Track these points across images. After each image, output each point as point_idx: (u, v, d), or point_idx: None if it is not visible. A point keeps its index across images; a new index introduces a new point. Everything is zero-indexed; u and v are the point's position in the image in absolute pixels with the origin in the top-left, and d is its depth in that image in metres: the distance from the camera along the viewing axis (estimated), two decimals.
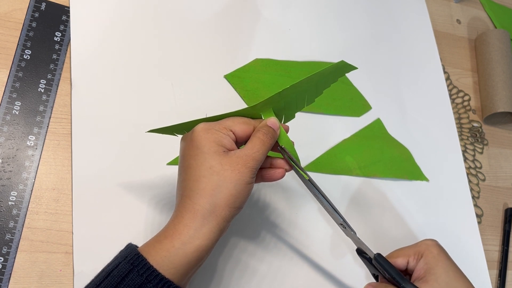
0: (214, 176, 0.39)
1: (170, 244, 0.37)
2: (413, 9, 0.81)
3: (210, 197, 0.38)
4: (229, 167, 0.39)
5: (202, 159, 0.39)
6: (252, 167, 0.40)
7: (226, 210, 0.39)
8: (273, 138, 0.43)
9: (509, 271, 0.68)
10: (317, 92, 0.47)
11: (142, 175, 0.52)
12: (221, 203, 0.38)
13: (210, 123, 0.42)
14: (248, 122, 0.43)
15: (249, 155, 0.40)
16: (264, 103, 0.43)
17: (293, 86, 0.43)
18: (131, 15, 0.60)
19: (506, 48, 0.79)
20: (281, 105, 0.45)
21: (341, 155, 0.64)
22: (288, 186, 0.59)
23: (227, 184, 0.39)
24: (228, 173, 0.39)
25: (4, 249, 0.45)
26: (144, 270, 0.36)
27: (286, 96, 0.44)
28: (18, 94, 0.51)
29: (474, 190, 0.71)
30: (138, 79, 0.57)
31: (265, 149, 0.41)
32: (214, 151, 0.39)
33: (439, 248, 0.48)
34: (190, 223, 0.38)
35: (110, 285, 0.36)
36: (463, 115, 0.77)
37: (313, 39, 0.71)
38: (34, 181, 0.49)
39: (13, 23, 0.54)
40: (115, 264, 0.38)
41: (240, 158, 0.40)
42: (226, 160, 0.39)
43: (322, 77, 0.45)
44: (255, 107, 0.43)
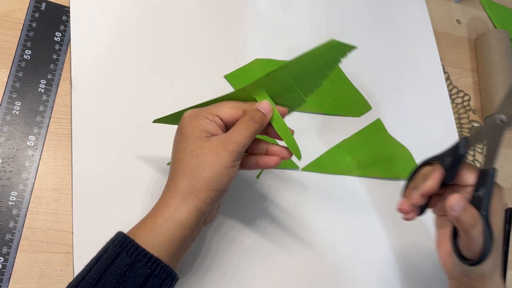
0: (194, 159, 0.40)
1: (153, 222, 0.39)
2: (413, 9, 0.81)
3: (189, 179, 0.40)
4: (208, 150, 0.40)
5: (186, 144, 0.41)
6: (232, 150, 0.40)
7: (204, 192, 0.40)
8: (259, 122, 0.42)
9: (509, 271, 0.68)
10: (319, 74, 0.46)
11: (142, 175, 0.52)
12: (199, 185, 0.40)
13: (198, 109, 0.43)
14: (237, 107, 0.43)
15: (230, 138, 0.40)
16: (253, 85, 0.43)
17: (282, 68, 0.42)
18: (131, 15, 0.60)
19: (506, 48, 0.79)
20: (275, 88, 0.44)
21: (341, 155, 0.64)
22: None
23: (204, 166, 0.40)
24: (207, 156, 0.40)
25: (4, 249, 0.45)
26: (133, 250, 0.38)
27: (278, 78, 0.44)
28: (18, 94, 0.51)
29: None
30: (138, 79, 0.57)
31: (249, 133, 0.41)
32: (197, 136, 0.41)
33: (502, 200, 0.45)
34: (170, 202, 0.40)
35: (100, 268, 0.37)
36: (463, 115, 0.77)
37: (313, 39, 0.71)
38: (34, 181, 0.49)
39: (13, 23, 0.54)
40: (104, 249, 0.39)
41: (221, 141, 0.40)
42: (207, 144, 0.40)
43: (316, 58, 0.44)
44: (245, 89, 0.43)
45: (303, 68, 0.44)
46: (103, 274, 0.37)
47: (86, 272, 0.38)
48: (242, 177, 0.57)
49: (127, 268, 0.37)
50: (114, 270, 0.37)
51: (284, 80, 0.44)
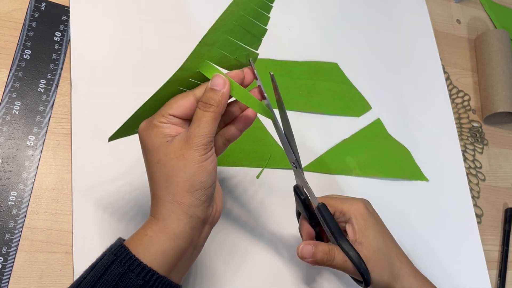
0: (162, 169, 0.38)
1: (144, 233, 0.38)
2: (413, 9, 0.81)
3: (166, 189, 0.38)
4: (173, 155, 0.37)
5: (150, 157, 0.39)
6: (198, 144, 0.37)
7: (186, 196, 0.37)
8: (216, 103, 0.38)
9: (509, 271, 0.68)
10: (259, 20, 0.41)
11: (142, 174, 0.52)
12: (178, 192, 0.37)
13: (149, 119, 0.40)
14: (185, 96, 0.40)
15: (193, 133, 0.37)
16: (191, 59, 0.39)
17: (211, 30, 0.38)
18: (131, 15, 0.60)
19: (506, 48, 0.79)
20: (218, 53, 0.40)
21: (341, 155, 0.64)
22: None
23: (176, 172, 0.37)
24: (174, 162, 0.37)
25: (4, 249, 0.45)
26: (126, 259, 0.36)
27: (214, 41, 0.39)
28: (18, 94, 0.51)
29: (474, 190, 0.71)
30: (138, 79, 0.57)
31: (207, 120, 0.38)
32: (158, 145, 0.38)
33: (368, 212, 0.48)
34: (157, 215, 0.38)
35: (94, 276, 0.36)
36: (463, 115, 0.77)
37: (313, 39, 0.71)
38: (34, 181, 0.49)
39: (13, 23, 0.54)
40: (101, 256, 0.38)
41: (182, 141, 0.38)
42: (170, 149, 0.38)
43: (244, 4, 0.39)
44: (184, 67, 0.39)
45: (236, 20, 0.39)
46: (96, 282, 0.36)
47: (81, 279, 0.37)
48: (242, 177, 0.57)
49: (119, 277, 0.36)
50: (107, 279, 0.36)
51: (222, 40, 0.39)
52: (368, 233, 0.46)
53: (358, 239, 0.46)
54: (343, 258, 0.44)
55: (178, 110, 0.39)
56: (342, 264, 0.44)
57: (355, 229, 0.46)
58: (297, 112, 0.64)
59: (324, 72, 0.68)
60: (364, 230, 0.46)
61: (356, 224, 0.46)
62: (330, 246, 0.45)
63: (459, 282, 0.63)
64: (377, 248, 0.46)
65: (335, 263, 0.44)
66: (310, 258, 0.44)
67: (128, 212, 0.50)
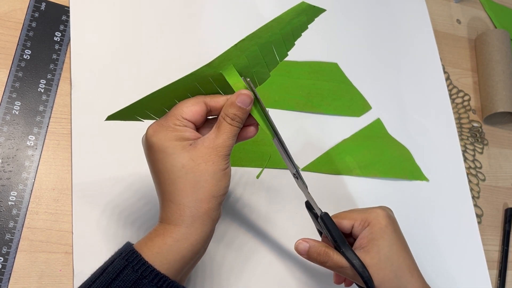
0: (189, 174, 0.37)
1: (162, 241, 0.37)
2: (413, 9, 0.81)
3: (192, 195, 0.37)
4: (202, 160, 0.38)
5: (171, 161, 0.38)
6: (224, 154, 0.39)
7: (211, 201, 0.38)
8: (242, 120, 0.40)
9: (509, 271, 0.68)
10: (286, 43, 0.43)
11: (142, 175, 0.52)
12: (205, 197, 0.38)
13: (159, 122, 0.39)
14: (198, 102, 0.40)
15: (220, 144, 0.38)
16: (222, 58, 0.39)
17: (249, 37, 0.39)
18: (131, 15, 0.60)
19: (506, 48, 0.79)
20: (244, 61, 0.41)
21: (341, 155, 0.64)
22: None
23: (205, 177, 0.38)
24: (202, 167, 0.38)
25: (4, 249, 0.45)
26: (139, 266, 0.36)
27: (246, 49, 0.40)
28: (18, 94, 0.51)
29: (474, 190, 0.71)
30: (138, 79, 0.57)
31: (234, 133, 0.39)
32: (180, 149, 0.38)
33: (388, 220, 0.46)
34: (179, 223, 0.38)
35: (105, 281, 0.36)
36: (463, 115, 0.77)
37: (313, 39, 0.71)
38: (34, 181, 0.49)
39: (13, 23, 0.54)
40: (111, 260, 0.37)
41: (211, 148, 0.38)
42: (196, 154, 0.38)
43: (284, 24, 0.41)
44: (212, 64, 0.40)
45: (270, 36, 0.41)
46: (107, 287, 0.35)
47: (90, 282, 0.36)
48: (242, 177, 0.57)
49: (132, 284, 0.35)
50: (118, 285, 0.35)
51: (252, 50, 0.40)
52: (380, 242, 0.45)
53: (366, 247, 0.45)
54: (339, 263, 0.44)
55: (192, 116, 0.39)
56: (338, 268, 0.44)
57: (366, 237, 0.45)
58: (297, 112, 0.64)
59: (324, 72, 0.68)
60: (376, 239, 0.45)
61: (370, 232, 0.45)
62: (325, 249, 0.44)
63: (459, 282, 0.63)
64: (385, 258, 0.44)
65: (329, 265, 0.44)
66: (305, 254, 0.45)
67: (128, 212, 0.50)
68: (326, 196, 0.60)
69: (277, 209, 0.57)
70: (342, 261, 0.44)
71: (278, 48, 0.42)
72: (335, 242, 0.45)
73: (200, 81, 0.41)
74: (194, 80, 0.40)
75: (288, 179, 0.59)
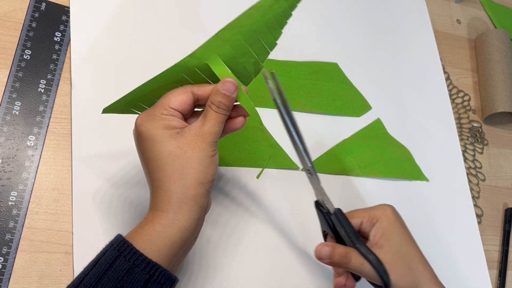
0: (176, 160, 0.39)
1: (151, 228, 0.38)
2: (413, 9, 0.81)
3: (179, 181, 0.38)
4: (189, 147, 0.39)
5: (159, 148, 0.39)
6: (211, 141, 0.40)
7: (198, 187, 0.39)
8: (228, 107, 0.41)
9: (509, 271, 0.68)
10: (271, 31, 0.43)
11: (142, 175, 0.52)
12: (192, 183, 0.39)
13: (148, 111, 0.41)
14: (184, 92, 0.41)
15: (206, 131, 0.39)
16: (203, 48, 0.40)
17: (229, 26, 0.40)
18: (131, 15, 0.60)
19: (506, 48, 0.79)
20: (228, 51, 0.41)
21: (341, 155, 0.64)
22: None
23: (192, 163, 0.39)
24: (189, 154, 0.39)
25: (4, 249, 0.45)
26: (131, 255, 0.36)
27: (228, 38, 0.40)
28: (18, 94, 0.51)
29: (474, 190, 0.71)
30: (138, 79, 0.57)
31: (221, 121, 0.40)
32: (167, 136, 0.39)
33: (395, 215, 0.47)
34: (167, 209, 0.38)
35: (98, 272, 0.36)
36: (463, 115, 0.77)
37: (313, 39, 0.71)
38: (34, 181, 0.49)
39: (13, 23, 0.54)
40: (102, 252, 0.38)
41: (197, 135, 0.39)
42: (183, 141, 0.39)
43: (264, 11, 0.40)
44: (195, 55, 0.40)
45: (252, 25, 0.41)
46: (100, 278, 0.36)
47: (83, 275, 0.37)
48: (242, 177, 0.57)
49: (124, 273, 0.36)
50: (111, 275, 0.36)
51: (235, 40, 0.41)
52: (391, 236, 0.46)
53: (379, 243, 0.45)
54: (360, 261, 0.44)
55: (179, 105, 0.40)
56: (359, 267, 0.44)
57: (378, 232, 0.46)
58: (297, 112, 0.64)
59: (324, 72, 0.68)
60: (388, 234, 0.46)
61: (380, 228, 0.46)
62: (347, 249, 0.45)
63: (459, 282, 0.63)
64: (398, 252, 0.45)
65: (351, 266, 0.44)
66: (327, 259, 0.45)
67: (129, 212, 0.50)
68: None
69: (276, 209, 0.57)
70: (362, 259, 0.44)
71: (264, 37, 0.42)
72: (349, 238, 0.44)
73: (187, 72, 0.41)
74: (180, 71, 0.41)
75: (288, 179, 0.59)
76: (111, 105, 0.44)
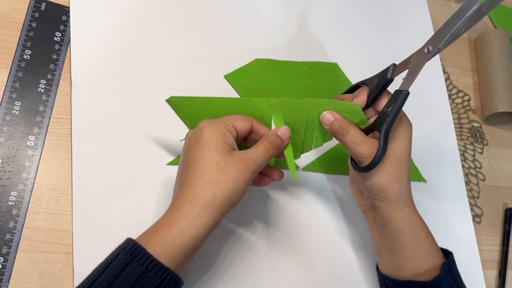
0: (218, 171, 0.41)
1: (168, 232, 0.39)
2: (414, 9, 0.81)
3: (212, 189, 0.40)
4: (233, 165, 0.41)
5: (209, 155, 0.41)
6: (253, 170, 0.42)
7: (224, 203, 0.41)
8: (278, 148, 0.45)
9: (509, 271, 0.68)
10: (326, 134, 0.49)
11: (142, 175, 0.52)
12: (221, 196, 0.40)
13: (215, 120, 0.44)
14: (248, 119, 0.45)
15: (253, 159, 0.43)
16: (279, 102, 0.46)
17: (307, 101, 0.46)
18: (131, 15, 0.60)
19: (506, 48, 0.79)
20: (291, 117, 0.47)
21: (341, 155, 0.64)
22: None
23: (229, 180, 0.41)
24: (231, 171, 0.41)
25: (4, 249, 0.45)
26: (144, 259, 0.37)
27: (299, 109, 0.46)
28: (18, 94, 0.51)
29: (474, 190, 0.71)
30: (138, 79, 0.57)
31: (268, 157, 0.44)
32: (220, 149, 0.42)
33: (411, 127, 0.49)
34: (188, 212, 0.40)
35: (110, 276, 0.37)
36: (463, 115, 0.77)
37: (313, 39, 0.71)
38: (34, 181, 0.49)
39: (13, 23, 0.54)
40: (113, 255, 0.39)
41: (244, 159, 0.42)
42: (231, 159, 0.42)
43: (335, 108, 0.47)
44: (270, 102, 0.46)
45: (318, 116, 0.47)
46: (112, 281, 0.37)
47: (95, 277, 0.38)
48: None
49: (137, 277, 0.37)
50: (124, 279, 0.37)
51: (302, 115, 0.47)
52: (402, 141, 0.48)
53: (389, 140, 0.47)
54: (354, 140, 0.46)
55: (241, 127, 0.45)
56: (351, 144, 0.46)
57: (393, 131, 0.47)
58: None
59: (324, 72, 0.68)
60: (400, 138, 0.48)
61: (397, 132, 0.48)
62: (348, 124, 0.47)
63: None
64: (398, 157, 0.47)
65: (345, 139, 0.46)
66: (328, 126, 0.47)
67: (129, 212, 0.50)
68: (326, 196, 0.60)
69: (277, 209, 0.57)
70: (358, 138, 0.46)
71: (319, 132, 0.49)
72: (391, 116, 0.45)
73: (254, 112, 0.47)
74: (248, 105, 0.47)
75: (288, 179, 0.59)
76: (178, 98, 0.47)
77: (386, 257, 0.51)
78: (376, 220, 0.51)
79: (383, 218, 0.49)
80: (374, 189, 0.48)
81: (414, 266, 0.48)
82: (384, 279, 0.51)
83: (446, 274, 0.47)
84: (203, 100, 0.47)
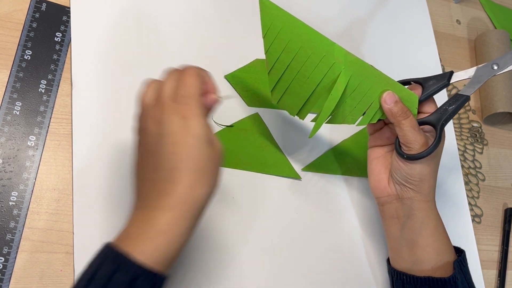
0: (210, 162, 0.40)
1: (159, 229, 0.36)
2: (413, 9, 0.81)
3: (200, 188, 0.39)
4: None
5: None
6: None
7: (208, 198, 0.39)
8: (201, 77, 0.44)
9: (508, 271, 0.68)
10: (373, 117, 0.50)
11: None
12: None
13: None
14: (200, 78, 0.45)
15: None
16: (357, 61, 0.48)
17: (379, 73, 0.48)
18: (132, 15, 0.60)
19: (506, 48, 0.79)
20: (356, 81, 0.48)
21: (341, 155, 0.64)
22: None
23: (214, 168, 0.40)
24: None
25: (5, 249, 0.45)
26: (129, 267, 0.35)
27: (368, 76, 0.48)
28: (18, 95, 0.51)
29: (474, 190, 0.72)
30: (139, 79, 0.57)
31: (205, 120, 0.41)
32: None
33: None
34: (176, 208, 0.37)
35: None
36: (463, 115, 0.77)
37: None
38: (35, 181, 0.49)
39: (13, 24, 0.54)
40: (96, 265, 0.36)
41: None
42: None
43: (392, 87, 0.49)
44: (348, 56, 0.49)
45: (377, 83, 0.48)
46: None
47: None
48: (242, 176, 0.57)
49: (125, 286, 0.34)
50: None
51: (365, 85, 0.48)
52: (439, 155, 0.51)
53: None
54: (411, 125, 0.47)
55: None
56: (408, 128, 0.47)
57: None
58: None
59: None
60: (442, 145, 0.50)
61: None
62: (408, 109, 0.48)
63: None
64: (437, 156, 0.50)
65: (404, 122, 0.47)
66: (390, 104, 0.48)
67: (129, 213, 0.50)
68: (326, 196, 0.61)
69: (277, 209, 0.57)
70: (416, 125, 0.48)
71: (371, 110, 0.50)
72: (449, 113, 0.48)
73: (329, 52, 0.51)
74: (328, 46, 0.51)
75: (288, 179, 0.59)
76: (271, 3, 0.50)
77: (405, 253, 0.51)
78: (398, 212, 0.51)
79: (411, 210, 0.50)
80: (415, 179, 0.49)
81: (434, 259, 0.49)
82: (401, 276, 0.51)
83: (459, 271, 0.48)
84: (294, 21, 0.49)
